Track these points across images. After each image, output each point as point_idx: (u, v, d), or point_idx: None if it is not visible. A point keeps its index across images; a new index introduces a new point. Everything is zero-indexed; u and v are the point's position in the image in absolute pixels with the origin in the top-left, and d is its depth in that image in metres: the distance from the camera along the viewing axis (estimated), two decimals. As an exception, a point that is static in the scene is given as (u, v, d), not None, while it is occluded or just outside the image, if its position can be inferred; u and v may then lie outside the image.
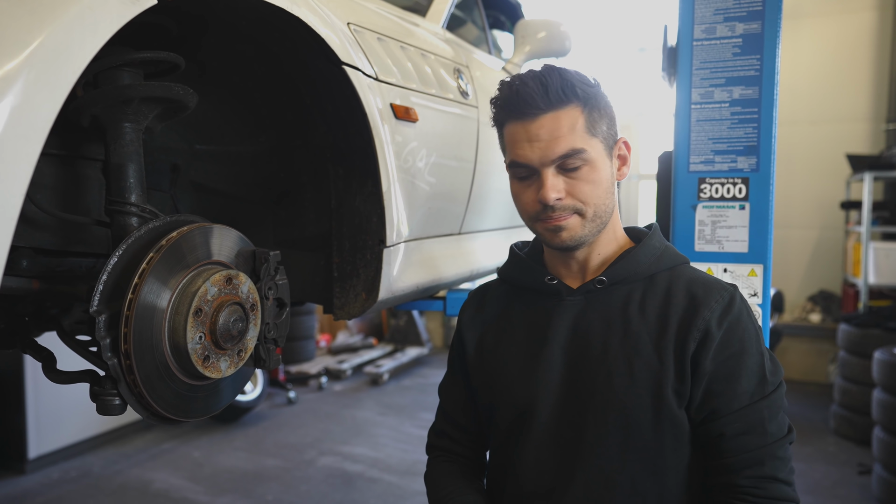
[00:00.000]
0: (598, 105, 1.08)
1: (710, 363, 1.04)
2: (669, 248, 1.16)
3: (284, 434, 4.93)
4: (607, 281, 1.11)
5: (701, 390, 1.04)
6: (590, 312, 1.11)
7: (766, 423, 1.04)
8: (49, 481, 4.04)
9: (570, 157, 1.04)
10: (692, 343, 1.04)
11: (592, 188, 1.07)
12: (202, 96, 1.36)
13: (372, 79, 1.40)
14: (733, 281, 1.59)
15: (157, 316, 1.02)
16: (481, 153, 1.93)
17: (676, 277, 1.11)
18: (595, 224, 1.09)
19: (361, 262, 1.48)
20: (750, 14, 1.56)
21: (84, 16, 0.77)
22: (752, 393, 1.04)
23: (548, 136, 1.04)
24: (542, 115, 1.05)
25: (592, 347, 1.09)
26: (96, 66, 1.08)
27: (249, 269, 1.19)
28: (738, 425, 1.03)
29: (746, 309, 1.08)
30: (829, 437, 4.80)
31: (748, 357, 1.05)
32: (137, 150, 1.13)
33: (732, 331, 1.05)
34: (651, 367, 1.05)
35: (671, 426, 1.05)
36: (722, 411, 1.04)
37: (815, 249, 6.33)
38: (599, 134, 1.07)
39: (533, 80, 1.05)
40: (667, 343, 1.05)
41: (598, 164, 1.07)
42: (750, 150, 1.57)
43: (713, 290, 1.07)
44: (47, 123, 0.73)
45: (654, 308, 1.08)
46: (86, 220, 1.17)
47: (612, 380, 1.06)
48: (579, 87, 1.05)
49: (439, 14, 2.06)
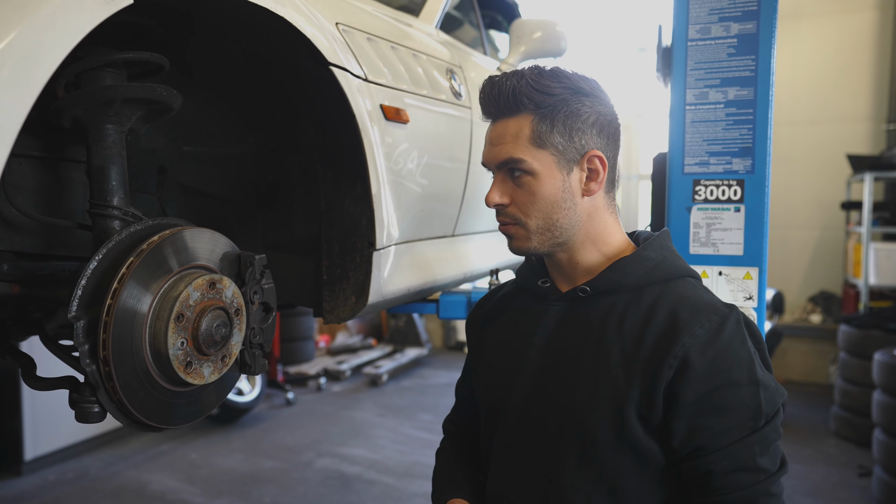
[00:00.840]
0: (553, 117, 1.02)
1: (691, 395, 0.95)
2: (668, 259, 1.07)
3: (282, 435, 4.91)
4: (590, 291, 1.06)
5: (685, 423, 0.96)
6: (571, 320, 1.08)
7: (757, 459, 0.96)
8: (45, 483, 4.03)
9: (510, 164, 1.03)
10: (667, 371, 0.96)
11: (532, 200, 1.03)
12: (189, 97, 1.34)
13: (361, 79, 1.38)
14: (729, 284, 1.57)
15: (137, 321, 1.00)
16: (475, 154, 1.92)
17: (666, 293, 1.03)
18: (545, 237, 1.05)
19: (351, 266, 1.46)
20: (745, 14, 1.53)
21: (55, 16, 0.75)
22: (743, 427, 0.96)
23: (497, 140, 1.05)
24: (500, 119, 1.06)
25: (565, 356, 1.06)
26: (77, 66, 1.07)
27: (234, 273, 1.18)
28: (728, 462, 0.95)
29: (740, 335, 0.98)
30: (829, 439, 4.78)
31: (738, 389, 0.96)
32: (120, 151, 1.12)
33: (720, 360, 0.95)
34: (616, 387, 0.99)
35: (632, 450, 0.99)
36: (709, 447, 0.96)
37: (815, 250, 6.30)
38: (549, 146, 1.02)
39: (492, 85, 1.05)
40: (637, 364, 0.98)
41: (543, 177, 1.02)
42: (745, 152, 1.55)
43: (700, 314, 0.98)
44: (16, 126, 0.72)
45: (632, 324, 1.01)
46: (67, 224, 1.15)
47: (575, 392, 1.02)
48: (533, 97, 1.01)
49: (432, 14, 2.04)
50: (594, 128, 1.04)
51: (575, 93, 1.03)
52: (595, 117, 1.04)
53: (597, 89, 1.07)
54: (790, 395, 5.69)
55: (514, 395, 1.11)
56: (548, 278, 1.14)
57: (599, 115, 1.05)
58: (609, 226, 1.09)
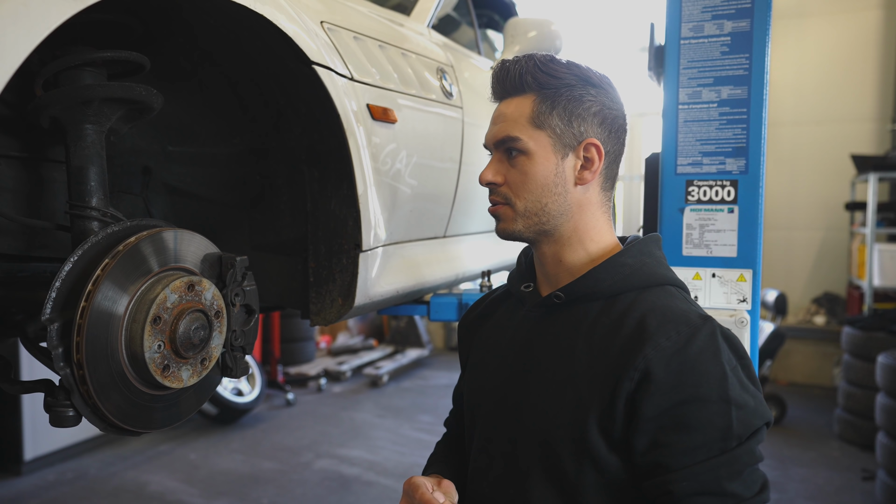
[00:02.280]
0: (555, 98, 1.01)
1: (652, 409, 0.90)
2: (647, 265, 1.03)
3: (282, 436, 4.90)
4: (564, 297, 1.03)
5: (646, 439, 0.91)
6: (547, 327, 1.05)
7: (723, 483, 0.89)
8: (45, 483, 4.03)
9: (506, 143, 1.03)
10: (628, 382, 0.91)
11: (524, 180, 1.02)
12: (173, 97, 1.33)
13: (346, 79, 1.36)
14: (722, 286, 1.55)
15: (112, 324, 0.99)
16: (466, 154, 1.90)
17: (639, 302, 0.98)
18: (531, 221, 1.03)
19: (337, 267, 1.44)
20: (738, 12, 1.51)
21: (18, 13, 0.74)
22: (710, 448, 0.89)
23: (499, 118, 1.06)
24: (505, 98, 1.07)
25: (536, 365, 1.03)
26: (56, 65, 1.06)
27: (215, 274, 1.16)
28: (688, 484, 0.89)
29: (712, 349, 0.92)
30: (832, 442, 4.74)
31: (705, 406, 0.89)
32: (99, 152, 1.10)
33: (685, 374, 0.90)
34: (579, 397, 0.95)
35: (593, 464, 0.95)
36: (670, 466, 0.90)
37: (819, 251, 6.25)
38: (547, 127, 1.01)
39: (501, 67, 1.06)
40: (599, 374, 0.95)
41: (537, 157, 1.01)
42: (739, 152, 1.52)
43: (668, 325, 0.93)
44: (-25, 126, 0.70)
45: (601, 334, 0.97)
46: (46, 225, 1.14)
47: (541, 402, 1.00)
48: (539, 77, 1.02)
49: (424, 13, 2.02)
50: (596, 118, 1.03)
51: (581, 80, 1.03)
52: (598, 108, 1.03)
53: (606, 84, 1.06)
54: (794, 396, 5.67)
55: (486, 401, 1.09)
56: (531, 283, 1.12)
57: (603, 106, 1.04)
58: (600, 224, 1.06)
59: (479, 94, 2.03)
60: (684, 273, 1.55)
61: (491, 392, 1.09)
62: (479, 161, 1.97)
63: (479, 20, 2.96)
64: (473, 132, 1.93)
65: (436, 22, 2.18)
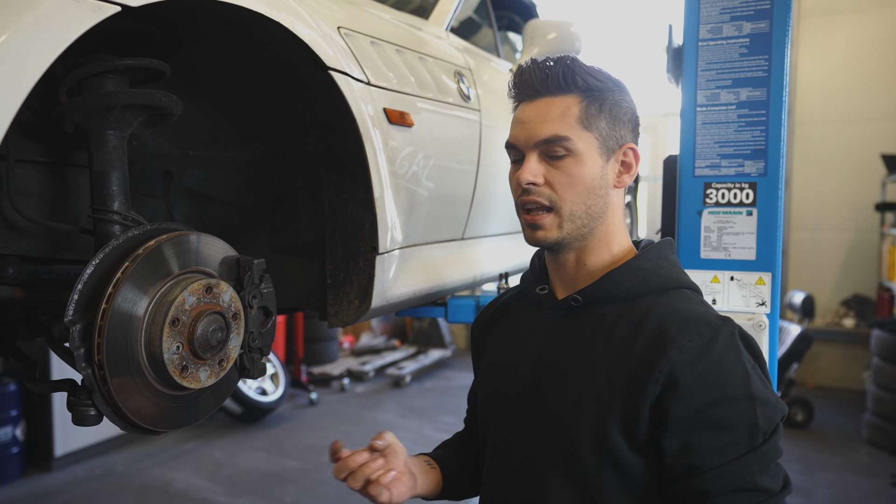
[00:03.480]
0: (602, 101, 1.02)
1: (682, 411, 0.91)
2: (664, 269, 1.04)
3: (305, 435, 4.95)
4: (582, 300, 1.04)
5: (677, 441, 0.92)
6: (564, 330, 1.05)
7: (756, 479, 0.91)
8: (74, 479, 4.13)
9: (553, 143, 1.00)
10: (653, 386, 0.92)
11: (570, 182, 1.00)
12: (194, 103, 1.35)
13: (363, 83, 1.38)
14: (741, 290, 1.53)
15: (132, 325, 1.01)
16: (484, 156, 1.90)
17: (657, 305, 0.99)
18: (574, 226, 1.02)
19: (354, 269, 1.46)
20: (757, 13, 1.49)
21: (40, 24, 0.76)
22: (739, 445, 0.91)
23: (538, 118, 1.02)
24: (539, 98, 1.03)
25: (554, 367, 1.03)
26: (79, 72, 1.09)
27: (233, 277, 1.18)
28: (724, 483, 0.90)
29: (734, 349, 0.94)
30: (861, 447, 4.65)
31: (733, 405, 0.91)
32: (121, 157, 1.13)
33: (711, 375, 0.91)
34: (600, 401, 0.96)
35: (614, 467, 0.95)
36: (704, 466, 0.91)
37: (848, 252, 6.14)
38: (595, 129, 1.01)
39: (538, 64, 1.03)
40: (621, 379, 0.95)
41: (585, 159, 1.01)
42: (758, 154, 1.51)
43: (689, 327, 0.94)
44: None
45: (621, 337, 0.98)
46: (70, 228, 1.17)
47: (561, 405, 1.00)
48: (583, 78, 1.01)
49: (442, 17, 2.03)
50: (630, 123, 1.06)
51: (617, 86, 1.05)
52: (631, 114, 1.06)
53: (631, 91, 1.09)
54: (821, 400, 5.57)
55: (502, 404, 1.10)
56: (546, 285, 1.12)
57: (634, 112, 1.07)
58: (618, 227, 1.08)
59: (498, 97, 2.04)
60: (702, 276, 1.54)
61: (507, 394, 1.09)
62: (498, 163, 1.97)
63: (500, 22, 2.96)
64: (491, 134, 1.93)
65: (455, 25, 2.18)
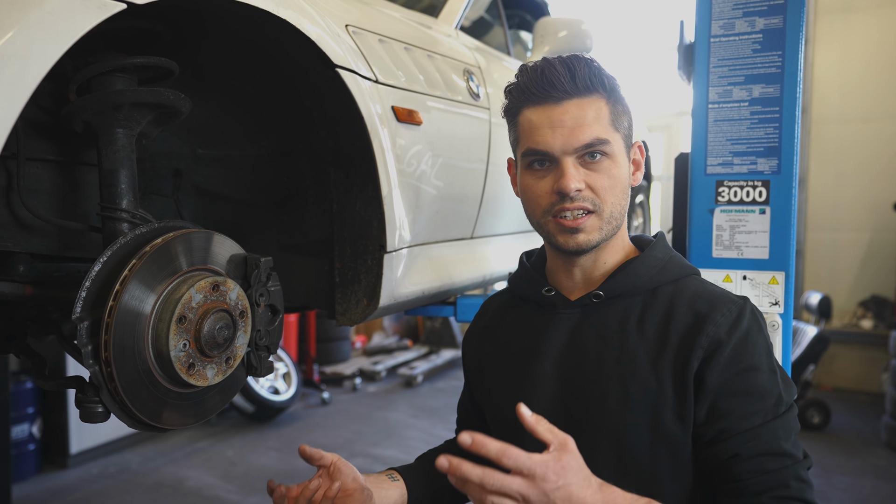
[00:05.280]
0: (620, 100, 1.04)
1: (717, 378, 0.96)
2: (674, 258, 1.08)
3: (317, 435, 4.96)
4: (604, 295, 1.04)
5: (706, 407, 0.96)
6: (586, 327, 1.05)
7: (782, 444, 0.95)
8: (89, 476, 4.16)
9: (595, 146, 0.99)
10: (695, 361, 0.96)
11: (611, 184, 1.01)
12: (202, 101, 1.36)
13: (371, 81, 1.37)
14: (753, 289, 1.51)
15: (139, 323, 1.01)
16: (494, 155, 1.89)
17: (680, 291, 1.03)
18: (610, 226, 1.03)
19: (362, 268, 1.46)
20: (771, 8, 1.47)
21: (45, 21, 0.76)
22: (766, 412, 0.95)
23: (572, 122, 0.98)
24: (567, 100, 0.99)
25: (587, 365, 1.03)
26: (88, 71, 1.09)
27: (241, 275, 1.18)
28: (753, 445, 0.94)
29: (757, 323, 0.99)
30: (879, 450, 4.58)
31: (760, 374, 0.96)
32: (129, 155, 1.13)
33: (742, 345, 0.97)
34: (648, 389, 0.98)
35: (668, 452, 0.98)
36: (733, 430, 0.95)
37: (866, 253, 6.05)
38: (621, 129, 1.03)
39: (561, 65, 1.00)
40: (666, 362, 0.98)
41: (619, 159, 1.03)
42: (771, 152, 1.49)
43: (718, 305, 0.99)
44: (4, 130, 0.73)
45: (653, 324, 1.01)
46: (79, 226, 1.17)
47: (605, 401, 1.00)
48: (607, 78, 1.02)
49: (452, 15, 2.02)
50: (632, 119, 1.08)
51: (619, 83, 1.06)
52: (630, 110, 1.07)
53: None
54: (838, 402, 5.50)
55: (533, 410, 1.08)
56: (551, 287, 1.11)
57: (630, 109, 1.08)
58: (624, 224, 1.09)
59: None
60: (714, 275, 1.52)
61: (539, 401, 1.06)
62: (508, 162, 1.96)
63: (511, 21, 2.95)
64: (502, 133, 1.92)
65: (465, 24, 2.18)
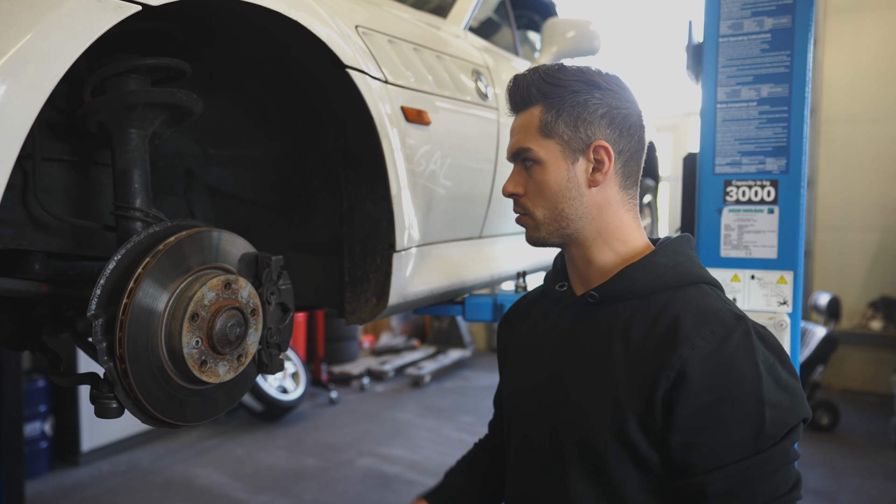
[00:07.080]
0: (560, 106, 1.03)
1: (687, 408, 0.91)
2: (681, 264, 1.03)
3: (325, 434, 4.98)
4: (598, 297, 1.04)
5: (680, 438, 0.92)
6: (581, 327, 1.06)
7: (755, 485, 0.89)
8: (100, 474, 4.19)
9: (521, 154, 1.07)
10: (664, 381, 0.92)
11: (539, 189, 1.05)
12: (214, 101, 1.37)
13: (380, 81, 1.38)
14: (762, 288, 1.52)
15: (153, 320, 1.03)
16: (502, 155, 1.90)
17: (674, 301, 0.99)
18: (552, 227, 1.05)
19: (371, 267, 1.47)
20: (779, 8, 1.48)
21: (63, 23, 0.78)
22: (743, 448, 0.90)
23: (513, 133, 1.10)
24: (516, 113, 1.10)
25: (573, 363, 1.04)
26: (102, 72, 1.11)
27: (252, 273, 1.19)
28: (722, 485, 0.90)
29: (747, 348, 0.92)
30: (889, 452, 4.56)
31: (739, 406, 0.90)
32: (143, 155, 1.15)
33: (720, 374, 0.90)
34: (619, 396, 0.96)
35: (634, 460, 0.96)
36: (702, 467, 0.91)
37: (876, 253, 6.02)
38: (556, 135, 1.03)
39: (512, 82, 1.10)
40: (638, 373, 0.95)
41: (549, 165, 1.03)
42: (779, 151, 1.49)
43: (705, 324, 0.94)
44: (23, 130, 0.74)
45: (638, 332, 0.98)
46: (93, 225, 1.19)
47: (580, 401, 1.01)
48: (542, 88, 1.04)
49: (460, 16, 2.03)
50: (604, 119, 1.03)
51: (586, 85, 1.04)
52: (605, 109, 1.03)
53: (615, 85, 1.05)
54: (847, 404, 5.47)
55: (524, 401, 1.11)
56: (566, 282, 1.13)
57: (610, 107, 1.04)
58: (625, 223, 1.06)
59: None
60: (722, 274, 1.53)
61: (528, 392, 1.10)
62: (516, 162, 1.97)
63: (519, 21, 2.96)
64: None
65: (474, 24, 2.19)
